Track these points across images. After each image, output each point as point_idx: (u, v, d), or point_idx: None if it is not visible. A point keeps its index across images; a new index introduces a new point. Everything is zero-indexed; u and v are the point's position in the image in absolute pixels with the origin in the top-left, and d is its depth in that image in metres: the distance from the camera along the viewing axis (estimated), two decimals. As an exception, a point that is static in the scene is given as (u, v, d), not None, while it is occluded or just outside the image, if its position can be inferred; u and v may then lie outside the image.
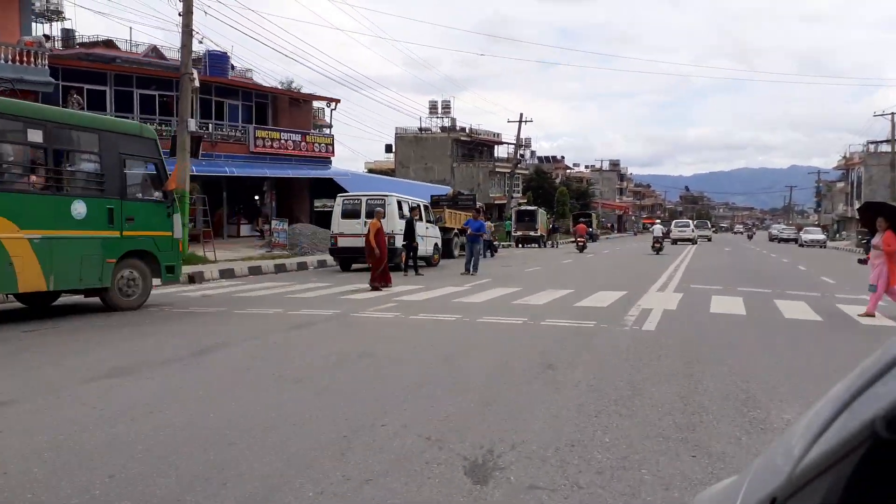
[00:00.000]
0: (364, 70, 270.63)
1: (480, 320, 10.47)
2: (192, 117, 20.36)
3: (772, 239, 79.19)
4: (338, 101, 33.33)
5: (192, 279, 17.46)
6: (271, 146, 29.66)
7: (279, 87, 34.59)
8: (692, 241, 55.15)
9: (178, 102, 20.72)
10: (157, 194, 12.21)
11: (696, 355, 7.94)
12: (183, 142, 20.15)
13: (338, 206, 21.15)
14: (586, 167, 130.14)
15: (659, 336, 9.25)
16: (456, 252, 30.16)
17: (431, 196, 33.34)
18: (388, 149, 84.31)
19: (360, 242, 19.98)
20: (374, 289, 14.81)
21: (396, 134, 78.47)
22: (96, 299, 12.06)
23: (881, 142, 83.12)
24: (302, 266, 22.43)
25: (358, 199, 21.10)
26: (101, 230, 11.13)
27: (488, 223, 40.07)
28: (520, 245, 46.79)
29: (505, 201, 58.14)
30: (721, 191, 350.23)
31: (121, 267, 11.52)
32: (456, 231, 30.10)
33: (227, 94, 30.08)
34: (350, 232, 20.75)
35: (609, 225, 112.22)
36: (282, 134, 30.30)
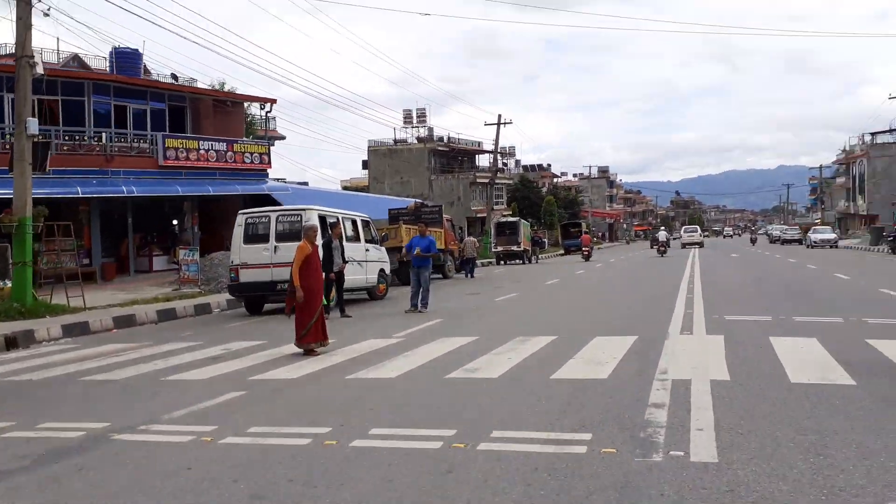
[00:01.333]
0: (347, 89, 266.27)
1: (357, 444, 5.14)
2: (33, 117, 15.00)
3: (773, 241, 74.24)
4: (273, 101, 28.10)
5: (9, 343, 12.10)
6: (187, 158, 24.34)
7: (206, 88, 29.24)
8: (700, 244, 59.99)
9: (15, 97, 15.38)
10: None
11: None
12: (21, 150, 14.84)
13: (238, 226, 15.84)
14: (574, 175, 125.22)
15: (734, 485, 3.96)
16: (418, 276, 24.80)
17: (389, 210, 28.08)
18: (366, 165, 79.30)
19: (269, 276, 14.75)
20: (309, 352, 9.31)
21: (369, 147, 73.37)
22: None
23: (886, 131, 78.64)
24: (202, 309, 17.08)
25: (266, 217, 15.77)
26: None
27: (471, 238, 34.74)
28: (502, 262, 41.49)
29: (487, 214, 52.87)
30: (711, 193, 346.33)
31: None
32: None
33: (130, 97, 24.73)
34: (255, 262, 15.44)
35: (600, 234, 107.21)
36: (200, 143, 24.98)
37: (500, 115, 50.02)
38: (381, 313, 15.01)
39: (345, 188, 72.92)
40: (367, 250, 17.61)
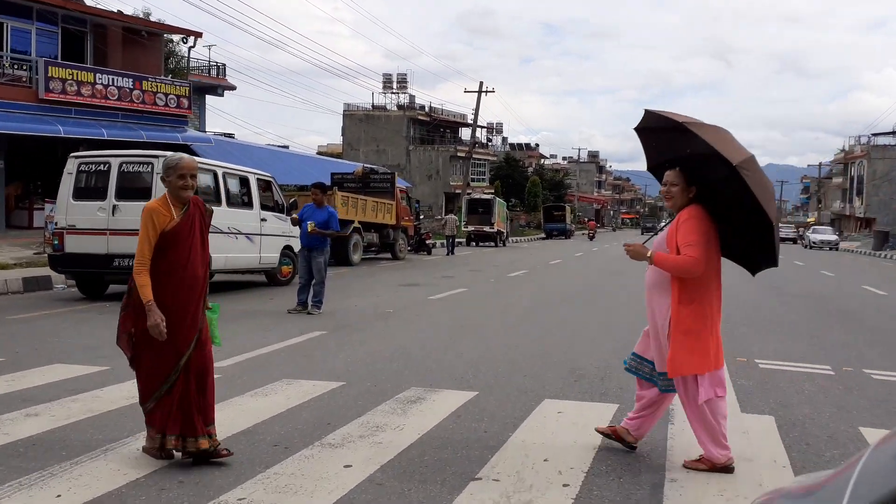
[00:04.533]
0: (342, 61, 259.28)
1: None
2: None
3: (766, 238, 70.28)
4: (199, 34, 23.38)
5: None
6: (78, 93, 19.59)
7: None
8: None
9: None
10: None
11: None
12: None
13: (68, 174, 11.24)
14: (564, 159, 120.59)
15: None
16: (356, 256, 20.33)
17: (332, 174, 23.48)
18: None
19: (104, 246, 10.32)
20: (160, 450, 4.04)
21: (345, 111, 68.39)
22: None
23: (889, 133, 74.79)
24: (37, 284, 12.59)
25: (105, 163, 11.16)
26: None
27: (452, 216, 30.32)
28: (473, 243, 37.02)
29: (462, 191, 48.28)
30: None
31: None
32: (357, 226, 20.27)
33: (9, 12, 19.87)
34: (87, 226, 10.89)
35: (586, 219, 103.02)
36: (97, 76, 20.24)
37: (481, 83, 45.24)
38: (253, 310, 10.51)
39: (320, 153, 68.02)
40: (263, 220, 13.08)
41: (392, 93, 68.68)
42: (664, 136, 4.18)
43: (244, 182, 12.85)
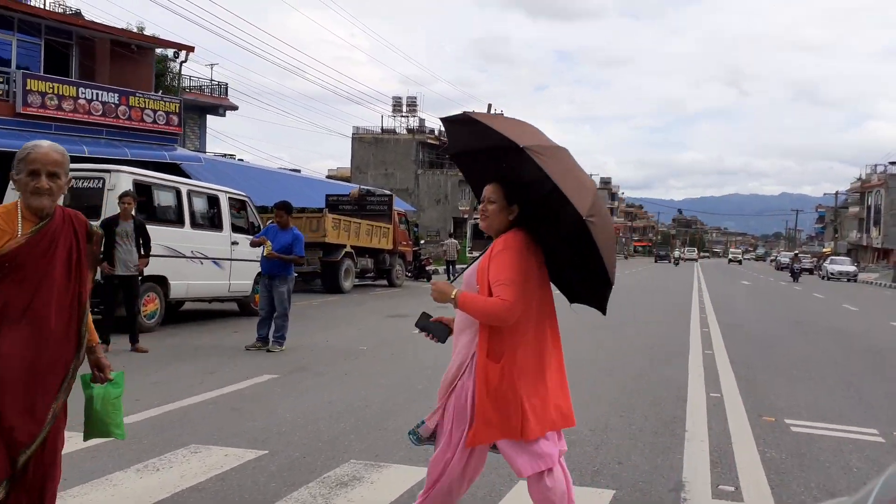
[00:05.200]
0: (358, 87, 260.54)
1: None
2: None
3: (780, 268, 68.55)
4: (191, 48, 22.41)
5: None
6: (58, 108, 18.58)
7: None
8: (696, 259, 76.79)
9: None
10: None
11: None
12: None
13: (12, 189, 10.12)
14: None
15: None
16: (348, 283, 19.13)
17: (327, 196, 22.36)
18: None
19: None
20: None
21: (354, 135, 67.68)
22: None
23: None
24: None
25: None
26: None
27: (453, 240, 29.22)
28: (478, 270, 35.67)
29: (469, 215, 47.02)
30: (713, 213, 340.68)
31: None
32: (349, 250, 19.08)
33: (-10, 23, 18.91)
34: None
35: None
36: (80, 90, 19.27)
37: (489, 105, 43.94)
38: (207, 346, 9.28)
39: (329, 177, 67.20)
40: (234, 243, 11.90)
41: (402, 116, 68.04)
42: (472, 128, 3.15)
43: (213, 201, 11.69)
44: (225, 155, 36.22)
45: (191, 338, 9.94)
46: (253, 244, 9.19)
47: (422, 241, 29.85)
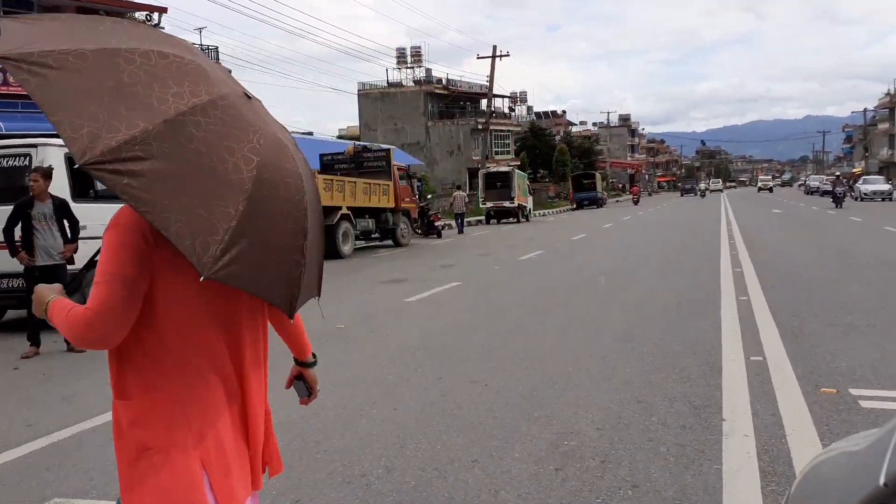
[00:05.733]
0: (366, 43, 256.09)
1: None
2: None
3: (810, 192, 66.06)
4: (164, 9, 20.82)
5: None
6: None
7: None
8: (721, 190, 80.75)
9: None
10: None
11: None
12: None
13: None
14: (594, 125, 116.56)
15: None
16: (346, 248, 17.87)
17: (321, 156, 20.97)
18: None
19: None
20: None
21: (360, 91, 65.87)
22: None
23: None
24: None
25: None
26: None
27: (461, 192, 27.92)
28: (494, 220, 34.29)
29: (481, 164, 45.45)
30: (737, 141, 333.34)
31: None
32: (345, 212, 17.77)
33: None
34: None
35: (620, 185, 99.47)
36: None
37: (494, 47, 42.21)
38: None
39: (340, 137, 65.68)
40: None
41: (407, 67, 66.00)
42: None
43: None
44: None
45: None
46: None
47: (429, 196, 28.41)
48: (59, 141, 9.00)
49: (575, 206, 53.62)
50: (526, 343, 6.84)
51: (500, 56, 42.29)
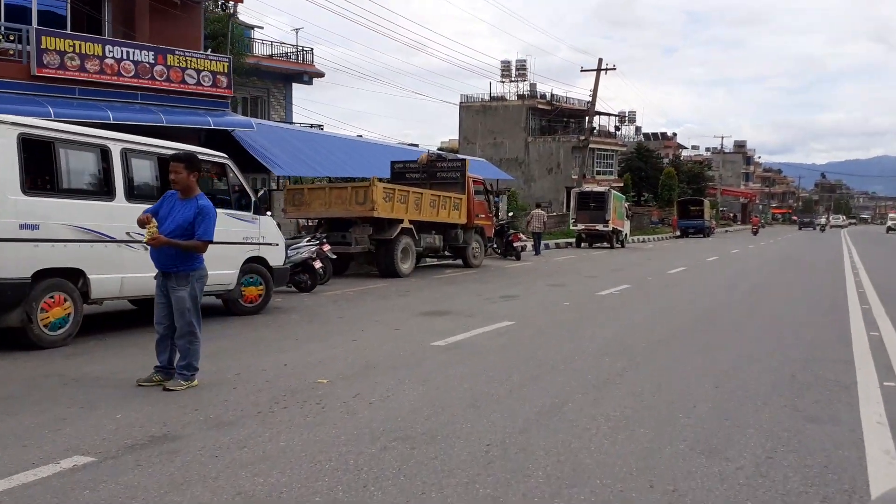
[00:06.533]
0: (484, 59, 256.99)
1: None
2: None
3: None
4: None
5: None
6: (81, 69, 16.33)
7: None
8: (843, 227, 73.80)
9: None
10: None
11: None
12: None
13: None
14: (707, 149, 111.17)
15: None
16: (406, 266, 15.96)
17: (392, 163, 19.20)
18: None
19: None
20: None
21: (461, 103, 64.41)
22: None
23: None
24: None
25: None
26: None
27: (539, 211, 25.66)
28: (585, 243, 31.73)
29: (578, 183, 42.86)
30: (861, 176, 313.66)
31: None
32: (406, 226, 15.88)
33: (6, -23, 16.88)
34: None
35: (731, 214, 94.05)
36: (106, 48, 16.95)
37: (600, 60, 39.63)
38: (86, 375, 6.26)
39: (440, 149, 64.49)
40: (230, 226, 8.86)
41: (511, 81, 64.06)
42: None
43: (167, 165, 8.71)
44: (312, 125, 33.80)
45: (90, 361, 7.01)
46: (141, 223, 6.00)
47: (510, 214, 26.21)
48: (14, 118, 7.43)
49: (679, 233, 50.19)
50: (557, 443, 4.62)
51: (606, 69, 39.67)
